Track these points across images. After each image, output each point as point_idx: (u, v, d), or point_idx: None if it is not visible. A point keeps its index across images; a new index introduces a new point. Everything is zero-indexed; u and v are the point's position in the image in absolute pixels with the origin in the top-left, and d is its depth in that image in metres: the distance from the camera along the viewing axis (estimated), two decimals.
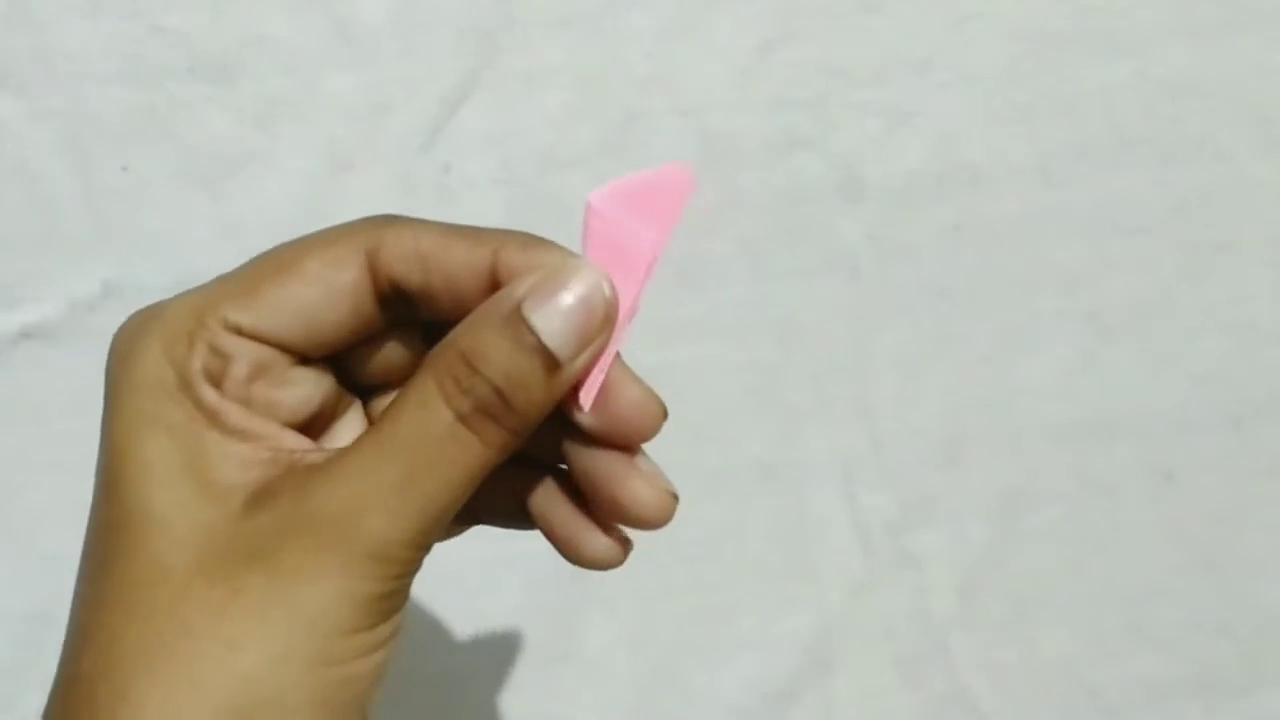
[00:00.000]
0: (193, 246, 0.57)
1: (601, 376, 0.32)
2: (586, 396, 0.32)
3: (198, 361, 0.32)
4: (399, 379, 0.35)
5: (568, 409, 0.32)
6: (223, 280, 0.33)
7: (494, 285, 0.32)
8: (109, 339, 0.57)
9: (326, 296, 0.33)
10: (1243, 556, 0.63)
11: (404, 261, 0.33)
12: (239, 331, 0.32)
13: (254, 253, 0.58)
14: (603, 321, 0.31)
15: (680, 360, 0.59)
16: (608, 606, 0.60)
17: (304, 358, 0.33)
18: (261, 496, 0.30)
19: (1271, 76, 0.61)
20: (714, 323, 0.60)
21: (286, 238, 0.63)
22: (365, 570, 0.30)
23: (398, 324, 0.34)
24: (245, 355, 0.32)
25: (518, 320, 0.31)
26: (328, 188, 0.57)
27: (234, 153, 0.56)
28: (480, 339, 0.31)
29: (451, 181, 0.57)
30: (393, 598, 0.31)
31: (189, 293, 0.33)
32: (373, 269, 0.33)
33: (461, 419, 0.30)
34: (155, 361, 0.32)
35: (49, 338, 0.56)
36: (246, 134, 0.56)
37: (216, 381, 0.32)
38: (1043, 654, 0.62)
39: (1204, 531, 0.62)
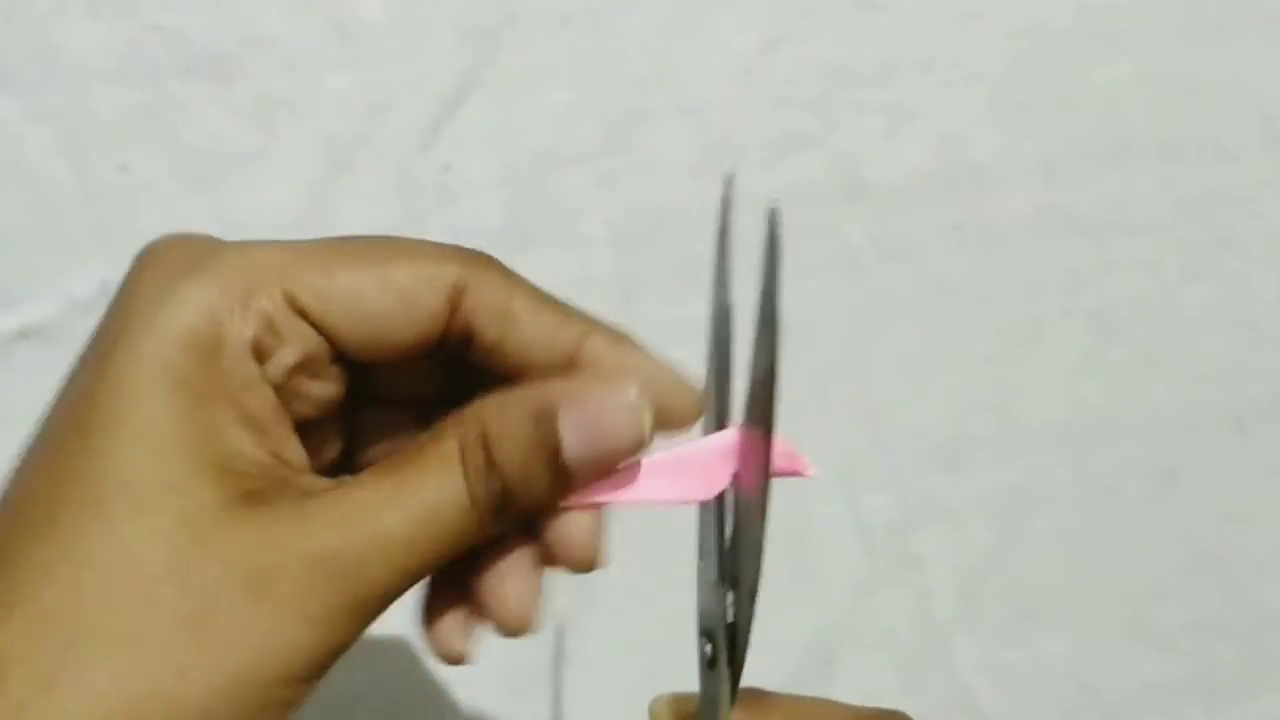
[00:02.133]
0: None
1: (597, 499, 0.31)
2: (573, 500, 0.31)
3: (249, 329, 0.29)
4: (412, 398, 0.34)
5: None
6: (295, 248, 0.31)
7: (571, 367, 0.31)
8: None
9: (404, 312, 0.30)
10: (1245, 557, 0.62)
11: (488, 312, 0.31)
12: (302, 313, 0.30)
13: None
14: (625, 453, 0.31)
15: (680, 360, 0.59)
16: (606, 609, 0.59)
17: (340, 357, 0.31)
18: (254, 504, 0.28)
19: (1274, 75, 0.61)
20: None
21: (286, 237, 0.63)
22: (348, 619, 0.28)
23: (438, 353, 0.32)
24: (299, 340, 0.30)
25: (548, 424, 0.30)
26: (327, 187, 0.57)
27: (233, 152, 0.56)
28: (504, 426, 0.29)
29: (451, 181, 0.57)
30: (352, 644, 0.29)
31: (253, 245, 0.30)
32: (454, 304, 0.31)
33: (474, 503, 0.29)
34: (199, 309, 0.29)
35: (47, 338, 0.56)
36: (245, 133, 0.56)
37: (260, 358, 0.30)
38: (1044, 655, 0.62)
39: (1206, 532, 0.62)
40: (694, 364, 0.61)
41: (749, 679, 0.61)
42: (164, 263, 0.30)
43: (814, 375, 0.60)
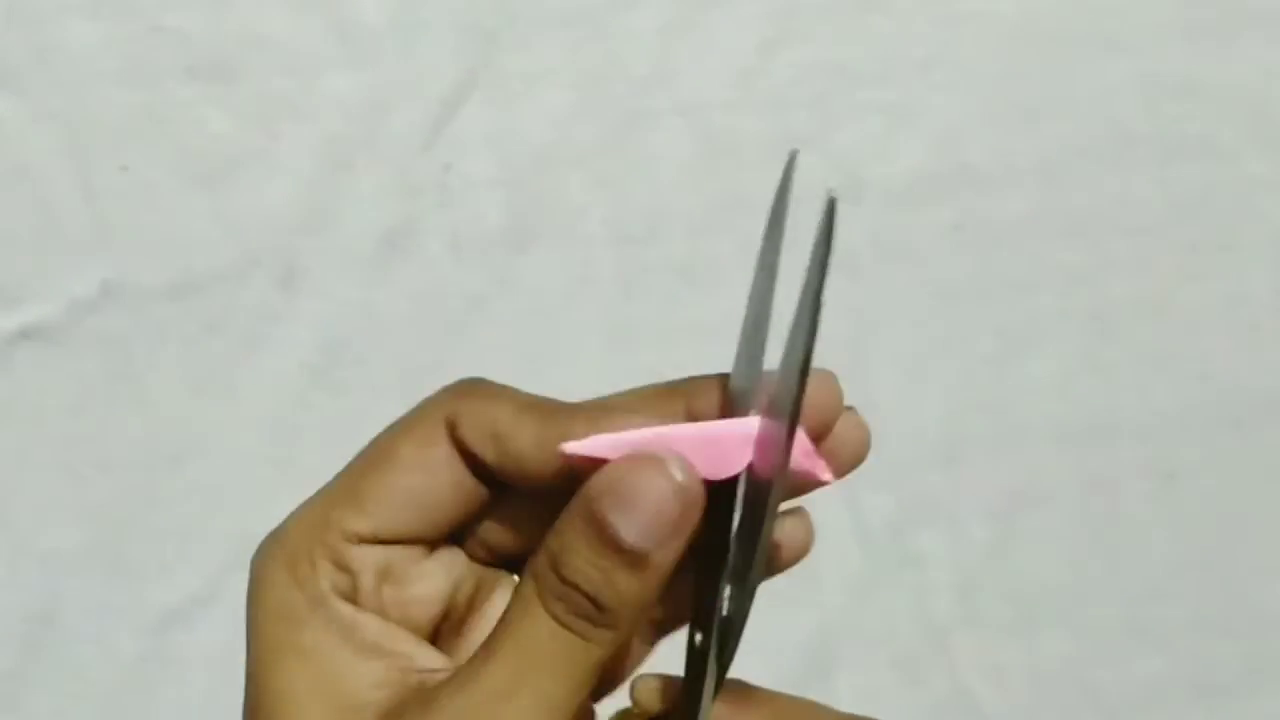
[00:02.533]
0: (192, 246, 0.56)
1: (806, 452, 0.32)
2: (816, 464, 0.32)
3: (325, 581, 0.32)
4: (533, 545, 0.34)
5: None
6: (329, 488, 0.33)
7: (567, 466, 0.31)
8: (108, 340, 0.57)
9: (426, 478, 0.32)
10: (1244, 557, 0.62)
11: (479, 439, 0.32)
12: (358, 539, 0.32)
13: (254, 253, 0.59)
14: (684, 507, 0.31)
15: (680, 360, 0.59)
16: None
17: (430, 546, 0.33)
18: (390, 717, 0.31)
19: (1272, 76, 0.61)
20: (714, 323, 0.59)
21: (286, 238, 0.63)
22: None
23: (508, 488, 0.34)
24: (370, 563, 0.32)
25: (597, 520, 0.30)
26: (328, 188, 0.57)
27: (233, 152, 0.56)
28: (564, 541, 0.30)
29: (451, 181, 0.57)
30: None
31: (303, 508, 0.33)
32: (455, 442, 0.32)
33: (560, 622, 0.30)
34: (282, 586, 0.32)
35: (48, 338, 0.56)
36: (246, 134, 0.56)
37: (350, 596, 0.32)
38: (1043, 654, 0.62)
39: (1205, 531, 0.62)
40: (695, 364, 0.61)
41: (749, 678, 0.61)
42: (254, 566, 0.33)
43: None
